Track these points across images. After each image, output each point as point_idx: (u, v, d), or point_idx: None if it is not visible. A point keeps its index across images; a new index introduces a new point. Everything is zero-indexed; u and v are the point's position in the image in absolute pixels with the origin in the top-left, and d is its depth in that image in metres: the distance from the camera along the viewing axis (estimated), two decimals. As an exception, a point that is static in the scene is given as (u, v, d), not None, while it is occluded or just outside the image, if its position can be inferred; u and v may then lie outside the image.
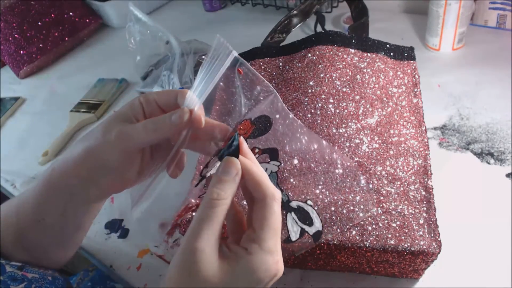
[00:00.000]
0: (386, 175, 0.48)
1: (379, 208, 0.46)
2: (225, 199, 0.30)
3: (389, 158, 0.49)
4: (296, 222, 0.33)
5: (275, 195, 0.31)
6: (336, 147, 0.50)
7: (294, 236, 0.33)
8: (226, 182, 0.31)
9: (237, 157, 0.31)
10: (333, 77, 0.54)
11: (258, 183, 0.31)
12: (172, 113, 0.35)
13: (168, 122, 0.35)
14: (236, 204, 0.34)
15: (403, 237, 0.43)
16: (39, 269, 0.41)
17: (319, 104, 0.53)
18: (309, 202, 0.35)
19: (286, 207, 0.32)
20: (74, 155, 0.36)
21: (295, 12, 0.67)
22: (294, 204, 0.32)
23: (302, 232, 0.33)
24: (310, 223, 0.33)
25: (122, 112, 0.37)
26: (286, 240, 0.33)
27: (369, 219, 0.45)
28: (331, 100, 0.53)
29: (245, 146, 0.33)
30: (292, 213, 0.33)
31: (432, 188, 0.47)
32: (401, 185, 0.47)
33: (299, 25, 0.68)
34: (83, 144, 0.36)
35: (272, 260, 0.30)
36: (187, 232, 0.30)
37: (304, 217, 0.33)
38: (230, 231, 0.34)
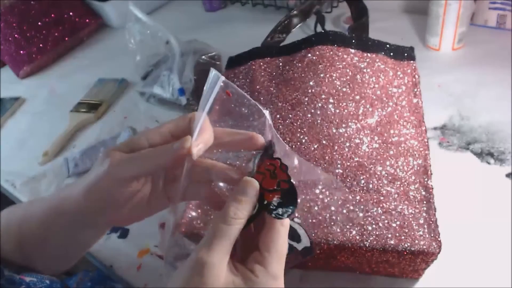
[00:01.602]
0: (386, 175, 0.48)
1: (379, 208, 0.46)
2: (241, 218, 0.31)
3: (389, 158, 0.49)
4: None
5: (284, 221, 0.32)
6: (336, 147, 0.50)
7: None
8: (244, 203, 0.31)
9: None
10: (333, 77, 0.54)
11: None
12: (173, 143, 0.34)
13: (167, 150, 0.34)
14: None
15: (403, 237, 0.43)
16: (37, 273, 0.41)
17: (319, 104, 0.53)
18: (296, 220, 0.36)
19: None
20: (79, 187, 0.36)
21: (295, 12, 0.67)
22: None
23: (291, 247, 0.33)
24: (298, 239, 0.33)
25: (125, 142, 0.36)
26: None
27: (369, 219, 0.45)
28: (331, 100, 0.53)
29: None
30: None
31: (432, 188, 0.47)
32: (401, 185, 0.47)
33: (299, 25, 0.68)
34: (88, 175, 0.36)
35: (276, 285, 0.30)
36: (198, 245, 0.30)
37: (292, 234, 0.33)
38: (239, 249, 0.34)
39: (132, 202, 0.36)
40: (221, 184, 0.36)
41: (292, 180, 0.31)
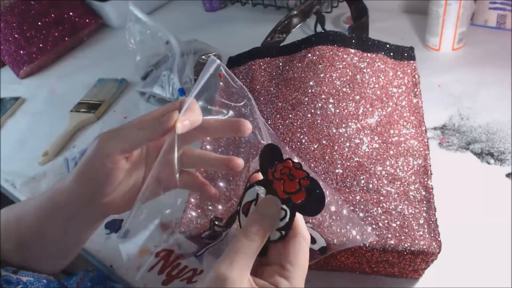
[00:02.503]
0: (386, 175, 0.48)
1: (379, 208, 0.46)
2: (263, 235, 0.31)
3: (389, 158, 0.49)
4: None
5: (306, 236, 0.32)
6: (336, 147, 0.50)
7: None
8: (267, 219, 0.31)
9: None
10: (333, 77, 0.54)
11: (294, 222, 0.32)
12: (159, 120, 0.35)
13: (155, 123, 0.34)
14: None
15: (403, 237, 0.43)
16: (34, 273, 0.41)
17: (319, 104, 0.53)
18: (308, 224, 0.36)
19: None
20: (71, 175, 0.37)
21: (295, 12, 0.67)
22: None
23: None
24: (313, 241, 0.34)
25: (118, 127, 0.37)
26: None
27: (369, 219, 0.45)
28: (331, 100, 0.53)
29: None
30: None
31: (432, 188, 0.47)
32: (401, 185, 0.47)
33: (299, 25, 0.68)
34: (80, 163, 0.36)
35: None
36: (220, 260, 0.30)
37: None
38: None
39: (124, 187, 0.37)
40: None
41: (311, 175, 0.31)
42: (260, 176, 0.34)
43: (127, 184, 0.38)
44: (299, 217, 0.32)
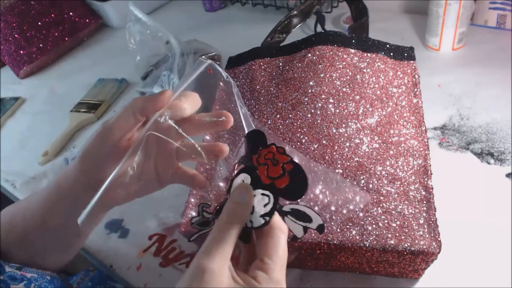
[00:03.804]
0: (386, 175, 0.48)
1: (379, 208, 0.46)
2: (238, 223, 0.31)
3: (389, 158, 0.49)
4: (296, 222, 0.33)
5: (283, 228, 0.32)
6: (336, 147, 0.50)
7: (300, 234, 0.34)
8: (240, 207, 0.31)
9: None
10: (333, 77, 0.54)
11: None
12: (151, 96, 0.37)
13: (147, 102, 0.36)
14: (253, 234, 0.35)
15: (403, 237, 0.43)
16: (37, 269, 0.41)
17: (319, 104, 0.53)
18: (300, 202, 0.36)
19: (281, 213, 0.33)
20: (76, 161, 0.37)
21: (295, 12, 0.67)
22: (286, 208, 0.33)
23: (305, 229, 0.34)
24: (309, 219, 0.33)
25: None
26: (293, 238, 0.34)
27: (369, 219, 0.45)
28: (331, 100, 0.53)
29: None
30: (288, 215, 0.33)
31: (432, 188, 0.47)
32: (401, 185, 0.47)
33: (299, 25, 0.68)
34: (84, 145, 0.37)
35: None
36: (198, 252, 0.30)
37: (302, 216, 0.33)
38: (242, 260, 0.35)
39: (125, 175, 0.37)
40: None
41: (294, 159, 0.31)
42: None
43: (127, 174, 0.38)
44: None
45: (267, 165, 0.32)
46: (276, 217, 0.32)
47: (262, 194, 0.32)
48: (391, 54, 0.58)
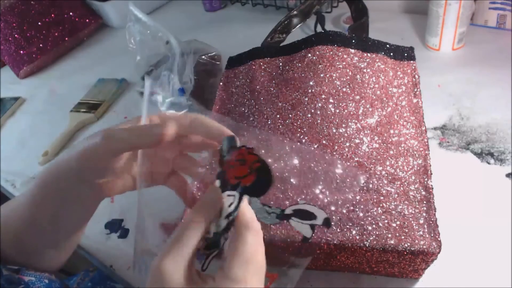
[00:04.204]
0: (386, 175, 0.48)
1: (379, 208, 0.46)
2: (200, 222, 0.30)
3: (389, 158, 0.49)
4: (301, 223, 0.33)
5: (249, 225, 0.31)
6: (336, 147, 0.50)
7: (308, 233, 0.34)
8: (204, 207, 0.31)
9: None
10: (333, 77, 0.54)
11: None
12: (157, 124, 0.36)
13: (150, 131, 0.35)
14: None
15: (403, 237, 0.43)
16: (35, 272, 0.41)
17: (319, 104, 0.53)
18: (300, 201, 0.36)
19: (284, 217, 0.33)
20: (66, 157, 0.36)
21: (295, 12, 0.67)
22: (288, 210, 0.33)
23: (313, 227, 0.33)
24: (314, 217, 0.33)
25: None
26: (303, 240, 0.34)
27: (369, 219, 0.45)
28: (331, 100, 0.53)
29: None
30: (292, 218, 0.33)
31: (432, 188, 0.47)
32: (401, 185, 0.47)
33: (299, 25, 0.68)
34: (76, 147, 0.36)
35: None
36: (159, 252, 0.30)
37: (306, 215, 0.33)
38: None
39: (120, 174, 0.37)
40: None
41: (262, 158, 0.31)
42: None
43: (120, 166, 0.38)
44: (244, 206, 0.32)
45: (235, 166, 0.32)
46: (241, 214, 0.32)
47: (228, 195, 0.32)
48: (391, 54, 0.58)
